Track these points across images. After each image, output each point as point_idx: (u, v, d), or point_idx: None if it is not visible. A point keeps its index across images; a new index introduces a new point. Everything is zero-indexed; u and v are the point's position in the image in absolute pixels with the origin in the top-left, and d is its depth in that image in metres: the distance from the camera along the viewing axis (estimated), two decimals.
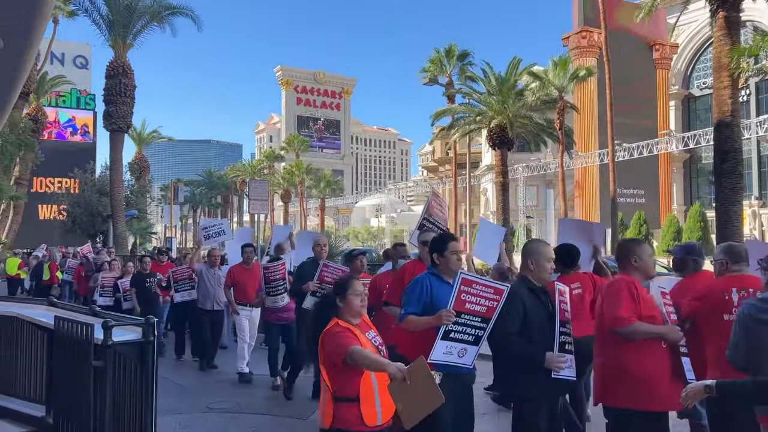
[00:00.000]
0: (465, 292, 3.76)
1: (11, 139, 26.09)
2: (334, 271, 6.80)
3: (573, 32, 47.09)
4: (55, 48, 49.25)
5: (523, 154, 49.35)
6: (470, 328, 3.79)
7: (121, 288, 10.27)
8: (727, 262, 3.94)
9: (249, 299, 8.18)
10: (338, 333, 3.16)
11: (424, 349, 3.67)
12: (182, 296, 9.64)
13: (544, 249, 4.08)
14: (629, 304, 3.53)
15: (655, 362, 3.51)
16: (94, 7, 22.60)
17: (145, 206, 37.49)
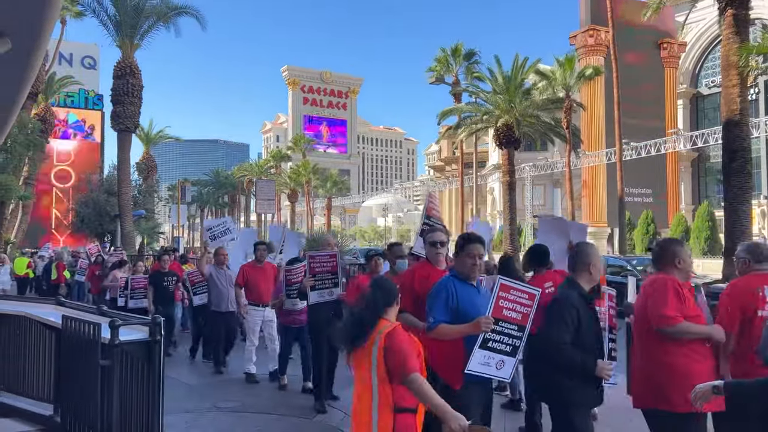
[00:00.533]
0: (503, 298, 3.64)
1: (20, 140, 26.24)
2: (322, 258, 6.66)
3: (580, 31, 46.88)
4: (63, 48, 49.52)
5: (530, 153, 49.20)
6: (507, 337, 3.65)
7: (131, 285, 10.11)
8: (750, 261, 3.96)
9: (261, 299, 8.03)
10: (408, 351, 2.96)
11: (455, 362, 3.60)
12: (201, 299, 9.42)
13: (599, 254, 3.92)
14: (676, 303, 3.47)
15: (704, 363, 3.47)
16: (101, 7, 22.76)
17: (152, 206, 37.69)
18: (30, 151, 29.25)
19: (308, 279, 6.62)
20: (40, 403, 5.84)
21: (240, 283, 8.23)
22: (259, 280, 8.07)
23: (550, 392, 3.69)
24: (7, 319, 6.25)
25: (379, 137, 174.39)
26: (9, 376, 6.38)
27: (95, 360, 4.16)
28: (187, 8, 23.73)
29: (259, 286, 8.06)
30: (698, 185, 53.02)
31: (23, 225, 35.94)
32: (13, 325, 6.19)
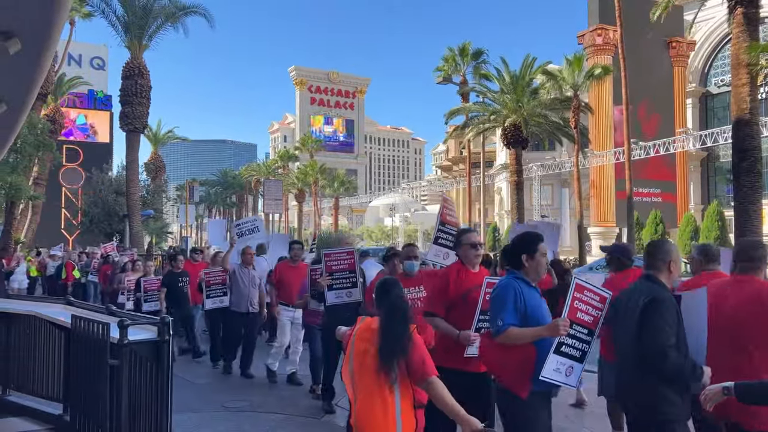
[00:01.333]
0: (577, 299, 3.44)
1: (29, 140, 26.35)
2: (339, 256, 6.47)
3: (588, 30, 46.66)
4: (72, 49, 49.90)
5: (538, 153, 49.04)
6: (578, 342, 3.45)
7: (144, 287, 9.82)
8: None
9: (292, 299, 7.77)
10: (426, 354, 3.08)
11: (523, 368, 3.38)
12: (213, 303, 8.79)
13: (678, 249, 3.66)
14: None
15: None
16: (110, 8, 22.87)
17: (161, 206, 37.84)
18: (39, 152, 29.38)
19: (325, 278, 6.38)
20: (49, 402, 5.87)
21: (274, 281, 8.11)
22: (293, 280, 7.83)
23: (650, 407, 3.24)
24: (17, 319, 6.29)
25: (386, 137, 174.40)
26: (19, 376, 6.42)
27: (104, 359, 4.17)
28: (196, 8, 23.80)
29: (292, 285, 7.82)
30: (707, 185, 52.69)
31: (33, 225, 36.18)
32: (23, 324, 6.22)
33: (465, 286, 4.23)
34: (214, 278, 8.87)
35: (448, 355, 4.13)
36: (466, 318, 4.13)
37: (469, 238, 4.40)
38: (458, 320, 4.16)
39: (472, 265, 4.33)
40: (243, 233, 9.39)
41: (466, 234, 4.51)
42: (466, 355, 4.09)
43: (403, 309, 3.15)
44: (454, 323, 4.16)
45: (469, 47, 37.05)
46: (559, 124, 27.92)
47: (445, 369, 3.83)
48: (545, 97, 27.49)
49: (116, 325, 4.10)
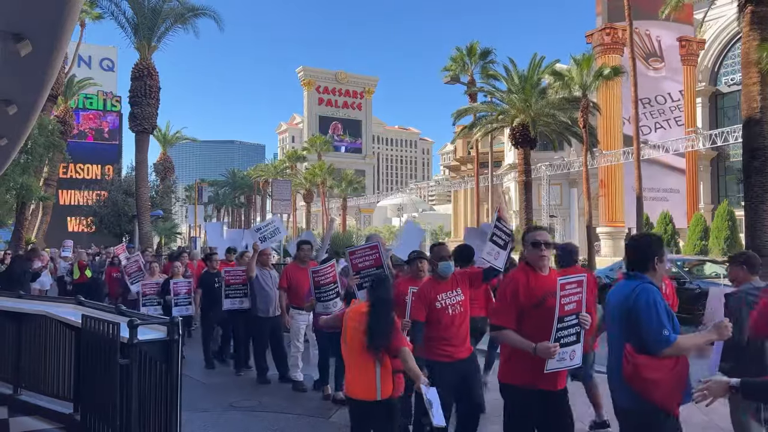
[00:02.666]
0: (563, 296, 3.62)
1: (40, 141, 26.55)
2: (363, 253, 6.17)
3: (596, 29, 46.45)
4: (82, 51, 50.18)
5: (546, 153, 48.81)
6: (572, 328, 3.70)
7: (173, 290, 9.29)
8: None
9: (304, 302, 7.44)
10: (398, 331, 4.05)
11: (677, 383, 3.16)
12: (233, 303, 8.48)
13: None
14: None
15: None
16: (119, 10, 23.02)
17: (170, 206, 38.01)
18: (50, 153, 29.62)
19: (352, 277, 6.02)
20: (60, 401, 5.92)
21: (283, 285, 7.76)
22: (303, 282, 7.42)
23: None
24: (28, 319, 6.35)
25: (394, 137, 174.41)
26: (30, 375, 6.48)
27: (114, 359, 4.20)
28: (205, 9, 23.91)
29: (303, 288, 7.45)
30: (717, 184, 52.30)
31: (43, 225, 36.46)
32: (34, 324, 6.29)
33: (538, 292, 3.79)
34: (235, 278, 8.53)
35: (524, 372, 3.74)
36: (540, 329, 3.67)
37: (535, 236, 3.96)
38: (531, 332, 3.71)
39: (540, 266, 3.90)
40: (266, 237, 9.02)
41: (532, 232, 4.04)
42: (548, 371, 3.63)
43: (388, 306, 4.02)
44: (525, 336, 3.71)
45: (477, 47, 36.99)
46: (568, 123, 27.79)
47: (518, 387, 3.77)
48: (553, 97, 27.37)
49: (126, 325, 4.13)
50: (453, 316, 4.63)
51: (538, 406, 3.75)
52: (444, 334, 4.61)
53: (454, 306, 4.66)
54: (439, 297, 4.64)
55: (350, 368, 4.12)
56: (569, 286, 3.63)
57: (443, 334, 4.61)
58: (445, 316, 4.61)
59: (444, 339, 4.60)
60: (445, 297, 4.66)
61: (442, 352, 4.59)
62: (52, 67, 6.52)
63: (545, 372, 3.62)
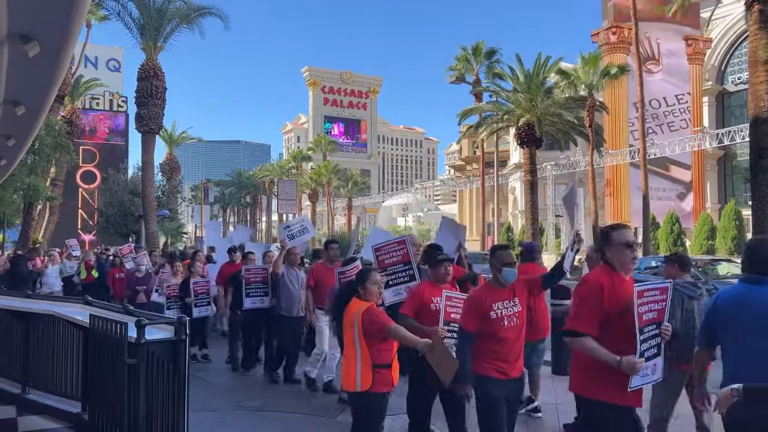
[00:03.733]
0: (640, 305, 3.33)
1: (47, 142, 26.65)
2: (390, 248, 5.85)
3: (603, 28, 46.35)
4: (88, 52, 50.45)
5: (552, 152, 48.71)
6: (653, 339, 3.47)
7: (194, 290, 9.12)
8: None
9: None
10: (383, 316, 4.08)
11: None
12: (253, 302, 8.30)
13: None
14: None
15: None
16: (126, 10, 23.09)
17: (176, 206, 38.13)
18: (57, 153, 29.75)
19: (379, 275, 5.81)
20: (68, 400, 5.95)
21: (310, 284, 7.55)
22: (330, 282, 7.21)
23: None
24: (36, 318, 6.39)
25: (399, 137, 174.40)
26: (38, 374, 6.52)
27: (122, 359, 4.22)
28: (211, 8, 23.95)
29: (329, 288, 7.15)
30: (724, 184, 52.07)
31: (51, 225, 36.62)
32: (42, 324, 6.32)
33: (623, 297, 3.41)
34: (255, 276, 8.36)
35: (610, 387, 3.35)
36: (621, 340, 3.31)
37: (627, 236, 3.57)
38: (610, 342, 3.34)
39: (627, 270, 3.55)
40: (294, 236, 8.76)
41: (619, 231, 3.61)
42: (631, 388, 3.28)
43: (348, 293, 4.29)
44: (603, 346, 3.35)
45: (483, 46, 36.92)
46: (574, 123, 27.74)
47: (599, 404, 3.41)
48: (559, 96, 27.33)
49: (134, 325, 4.15)
50: (509, 328, 4.16)
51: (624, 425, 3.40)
52: (497, 348, 4.14)
53: (510, 318, 4.19)
54: (495, 306, 4.16)
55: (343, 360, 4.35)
56: (649, 293, 3.37)
57: (496, 348, 4.14)
58: (501, 328, 4.15)
59: (497, 353, 4.14)
60: (502, 306, 4.18)
61: (494, 367, 4.13)
62: (59, 67, 6.55)
63: (629, 390, 3.28)
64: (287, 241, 8.46)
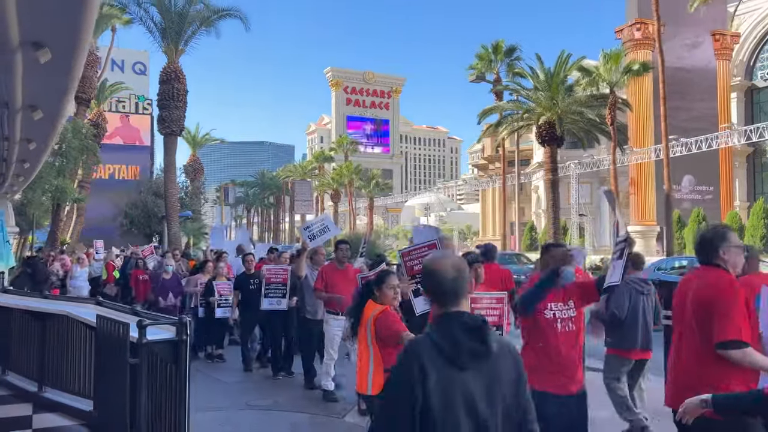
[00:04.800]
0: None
1: (74, 144, 27.21)
2: (420, 253, 5.48)
3: (626, 24, 45.69)
4: (115, 55, 51.36)
5: (576, 151, 48.18)
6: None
7: (218, 291, 9.19)
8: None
9: (342, 306, 6.81)
10: (396, 323, 4.07)
11: None
12: (270, 303, 8.19)
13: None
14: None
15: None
16: (148, 15, 23.43)
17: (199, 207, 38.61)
18: (84, 155, 30.34)
19: (407, 282, 5.29)
20: (81, 398, 6.09)
21: (319, 287, 7.23)
22: (340, 285, 6.98)
23: None
24: (51, 318, 6.56)
25: (422, 136, 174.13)
26: (54, 373, 6.68)
27: (124, 358, 4.30)
28: (231, 10, 24.16)
29: (340, 291, 6.95)
30: (753, 181, 50.96)
31: (78, 226, 37.35)
32: (57, 324, 6.48)
33: (751, 301, 3.23)
34: (276, 277, 8.20)
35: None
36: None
37: (736, 239, 3.33)
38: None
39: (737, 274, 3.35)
40: (315, 235, 8.54)
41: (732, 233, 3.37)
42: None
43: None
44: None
45: (503, 45, 36.62)
46: (595, 121, 27.37)
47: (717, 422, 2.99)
48: (581, 94, 27.00)
49: (135, 325, 4.23)
50: (563, 333, 3.75)
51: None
52: (550, 353, 3.72)
53: (564, 321, 3.77)
54: (548, 306, 3.77)
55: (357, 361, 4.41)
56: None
57: (551, 355, 3.72)
58: (552, 332, 3.74)
59: (549, 360, 3.72)
60: (555, 308, 3.76)
61: (549, 381, 3.66)
62: (72, 73, 6.71)
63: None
64: (308, 241, 8.27)
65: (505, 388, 2.03)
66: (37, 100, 7.79)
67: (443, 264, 2.14)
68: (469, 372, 1.95)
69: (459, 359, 1.94)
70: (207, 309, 9.37)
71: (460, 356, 1.94)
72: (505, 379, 2.05)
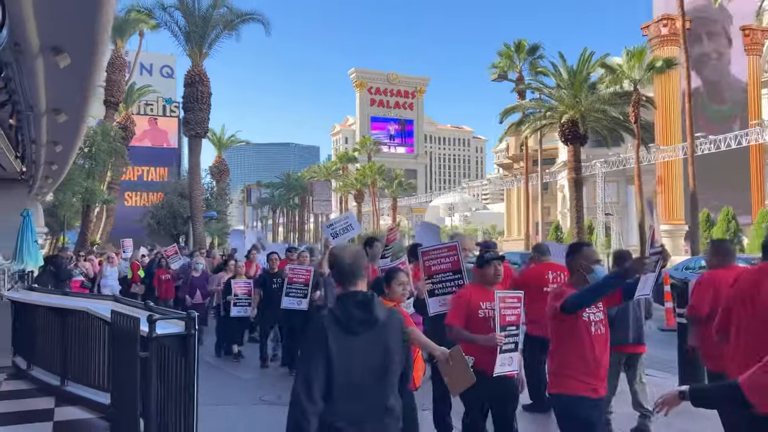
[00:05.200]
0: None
1: (103, 147, 27.87)
2: (439, 254, 5.33)
3: (653, 21, 44.97)
4: (144, 59, 52.53)
5: (603, 149, 47.58)
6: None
7: (234, 290, 9.35)
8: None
9: None
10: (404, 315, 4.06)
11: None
12: (290, 302, 8.23)
13: None
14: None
15: None
16: (172, 19, 23.86)
17: (224, 208, 39.13)
18: (112, 158, 31.03)
19: (423, 282, 5.22)
20: (100, 392, 6.29)
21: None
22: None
23: None
24: (72, 314, 6.78)
25: (447, 136, 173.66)
26: (76, 367, 6.91)
27: (135, 352, 4.44)
28: (253, 14, 24.48)
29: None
30: None
31: (107, 227, 38.20)
32: (77, 319, 6.71)
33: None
34: (298, 277, 8.24)
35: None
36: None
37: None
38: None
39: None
40: (337, 233, 8.51)
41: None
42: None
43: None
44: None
45: (525, 43, 36.40)
46: (619, 119, 26.99)
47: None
48: (604, 91, 26.67)
49: (146, 320, 4.36)
50: (596, 336, 3.66)
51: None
52: (588, 359, 3.62)
53: (597, 325, 3.68)
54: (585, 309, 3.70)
55: None
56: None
57: (587, 358, 3.62)
58: (588, 335, 3.64)
59: (585, 364, 3.62)
60: (589, 310, 3.65)
61: (585, 384, 3.61)
62: (92, 76, 6.93)
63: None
64: (331, 239, 8.26)
65: (392, 345, 2.68)
66: (60, 103, 8.06)
67: (343, 253, 2.81)
68: (362, 335, 2.59)
69: (350, 327, 2.57)
70: (226, 307, 9.51)
71: (351, 325, 2.58)
72: (392, 339, 2.69)
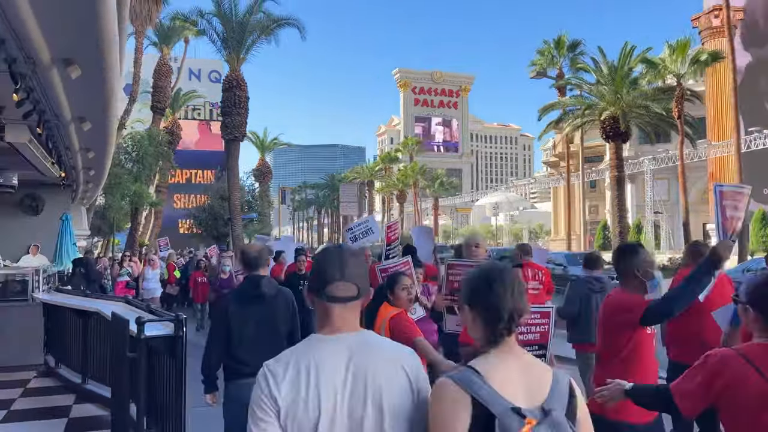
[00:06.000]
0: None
1: (150, 151, 28.79)
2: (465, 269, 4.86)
3: (704, 12, 43.32)
4: (192, 65, 54.15)
5: (652, 146, 46.22)
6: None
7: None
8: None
9: None
10: (409, 326, 3.93)
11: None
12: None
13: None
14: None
15: None
16: (210, 25, 24.43)
17: (268, 209, 39.83)
18: (159, 162, 32.01)
19: (443, 296, 5.00)
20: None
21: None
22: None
23: None
24: (90, 315, 7.08)
25: (493, 134, 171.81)
26: (94, 366, 7.20)
27: (124, 352, 4.60)
28: (289, 19, 24.82)
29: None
30: None
31: (155, 229, 39.42)
32: (94, 320, 6.99)
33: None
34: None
35: None
36: None
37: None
38: None
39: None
40: (357, 237, 8.41)
41: None
42: None
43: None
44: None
45: (566, 39, 35.61)
46: (662, 115, 26.03)
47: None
48: (646, 87, 25.80)
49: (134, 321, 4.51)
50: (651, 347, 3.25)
51: None
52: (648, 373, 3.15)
53: (650, 338, 3.28)
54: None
55: None
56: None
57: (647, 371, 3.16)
58: (648, 347, 3.22)
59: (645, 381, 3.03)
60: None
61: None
62: (106, 85, 7.19)
63: None
64: (351, 242, 8.19)
65: (281, 314, 4.07)
66: (82, 112, 8.39)
67: (250, 247, 4.31)
68: (254, 306, 3.93)
69: (244, 300, 3.93)
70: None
71: (244, 299, 3.95)
72: (281, 310, 4.07)
